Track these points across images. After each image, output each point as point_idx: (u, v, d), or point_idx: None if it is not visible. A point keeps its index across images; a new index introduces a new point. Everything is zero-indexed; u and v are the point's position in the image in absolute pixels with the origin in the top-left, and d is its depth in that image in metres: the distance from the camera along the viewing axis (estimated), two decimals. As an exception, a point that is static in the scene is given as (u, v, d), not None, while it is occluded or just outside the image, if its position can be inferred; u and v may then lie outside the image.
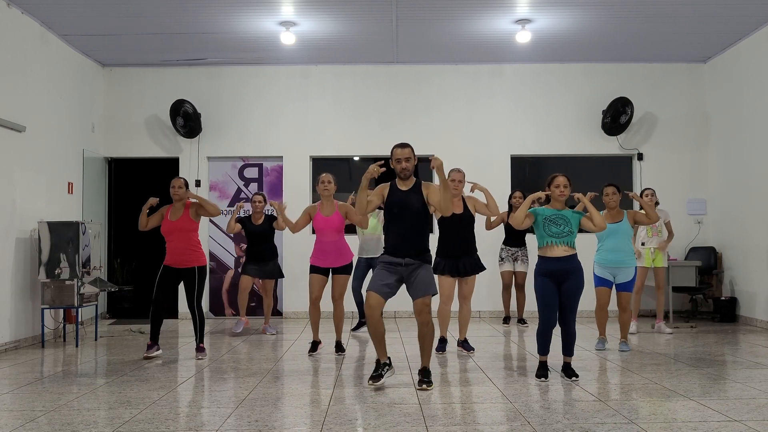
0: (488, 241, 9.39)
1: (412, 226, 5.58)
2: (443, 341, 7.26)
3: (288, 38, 9.25)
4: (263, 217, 8.75)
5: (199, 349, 7.15)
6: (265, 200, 8.83)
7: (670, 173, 10.81)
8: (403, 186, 5.66)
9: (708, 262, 10.23)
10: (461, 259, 7.00)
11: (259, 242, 8.68)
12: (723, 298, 9.95)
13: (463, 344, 7.29)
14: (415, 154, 5.71)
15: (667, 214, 8.83)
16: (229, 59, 10.58)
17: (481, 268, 7.10)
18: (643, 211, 8.64)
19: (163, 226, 7.12)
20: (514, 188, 10.68)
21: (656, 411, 4.74)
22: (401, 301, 10.43)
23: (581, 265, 5.88)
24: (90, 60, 10.33)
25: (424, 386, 5.51)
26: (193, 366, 6.65)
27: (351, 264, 7.16)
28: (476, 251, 7.13)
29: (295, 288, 10.61)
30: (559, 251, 5.81)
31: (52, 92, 9.02)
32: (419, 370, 5.68)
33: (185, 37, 9.51)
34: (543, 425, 4.40)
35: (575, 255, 5.85)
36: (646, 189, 8.84)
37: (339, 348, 7.28)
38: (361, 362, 6.80)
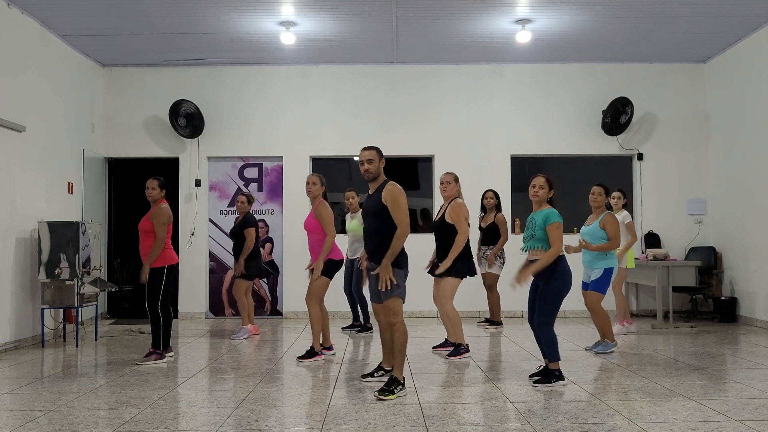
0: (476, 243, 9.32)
1: (370, 230, 5.53)
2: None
3: (288, 38, 9.25)
4: (241, 218, 8.71)
5: (148, 353, 6.89)
6: (248, 201, 8.74)
7: (670, 173, 10.81)
8: (371, 189, 5.64)
9: (708, 262, 10.22)
10: (438, 264, 7.10)
11: (233, 242, 8.70)
12: (723, 298, 9.95)
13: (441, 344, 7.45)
14: (383, 156, 5.56)
15: (626, 216, 8.65)
16: (229, 59, 10.59)
17: (444, 273, 6.92)
18: (623, 218, 8.54)
19: None
20: (513, 188, 10.72)
21: (656, 411, 4.74)
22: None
23: (559, 269, 5.62)
24: (90, 60, 10.33)
25: (377, 392, 5.22)
26: (193, 366, 6.65)
27: (325, 265, 6.95)
28: (455, 258, 6.91)
29: (294, 288, 10.61)
30: (530, 255, 5.78)
31: (52, 92, 9.03)
32: (389, 376, 5.47)
33: (185, 37, 9.52)
34: (543, 425, 4.40)
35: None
36: (616, 191, 8.72)
37: (326, 349, 7.26)
38: (361, 363, 6.80)
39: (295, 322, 10.15)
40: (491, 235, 9.05)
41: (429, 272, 7.29)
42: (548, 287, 5.62)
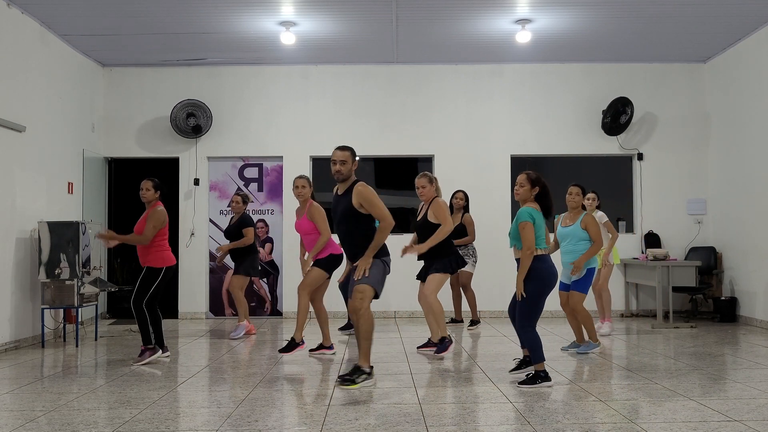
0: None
1: (345, 230, 5.57)
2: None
3: (288, 38, 9.25)
4: (237, 218, 8.72)
5: (140, 352, 6.88)
6: (244, 201, 8.75)
7: (670, 173, 10.81)
8: (340, 190, 5.68)
9: (708, 262, 10.22)
10: (425, 264, 7.15)
11: (229, 242, 8.69)
12: (723, 298, 9.95)
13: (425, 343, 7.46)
14: (356, 157, 5.64)
15: (602, 216, 8.67)
16: (229, 59, 10.58)
17: (431, 272, 6.99)
18: (599, 218, 8.53)
19: None
20: (513, 188, 10.68)
21: (656, 411, 4.74)
22: (401, 300, 10.50)
23: (536, 269, 5.54)
24: (90, 60, 10.33)
25: (338, 381, 5.41)
26: (193, 366, 6.65)
27: (324, 260, 7.07)
28: (437, 256, 6.97)
29: (293, 288, 10.59)
30: (514, 252, 5.78)
31: (52, 92, 9.02)
32: (353, 365, 5.60)
33: (185, 37, 9.51)
34: (543, 425, 4.40)
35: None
36: (591, 192, 8.70)
37: (318, 347, 7.32)
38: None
39: (295, 322, 10.13)
40: (458, 236, 9.01)
41: (417, 277, 7.32)
42: (527, 289, 5.53)
